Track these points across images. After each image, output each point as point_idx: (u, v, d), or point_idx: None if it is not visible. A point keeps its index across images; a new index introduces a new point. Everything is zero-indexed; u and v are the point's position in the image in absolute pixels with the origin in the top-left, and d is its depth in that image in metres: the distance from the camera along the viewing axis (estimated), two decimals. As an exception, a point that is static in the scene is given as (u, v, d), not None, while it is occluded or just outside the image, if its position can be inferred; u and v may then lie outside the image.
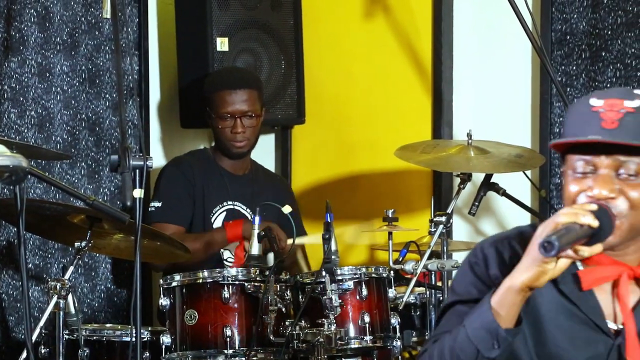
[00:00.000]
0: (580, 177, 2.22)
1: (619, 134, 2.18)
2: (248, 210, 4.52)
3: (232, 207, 4.51)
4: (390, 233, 4.07)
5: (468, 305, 2.29)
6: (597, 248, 2.18)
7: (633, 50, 4.41)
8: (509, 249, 2.31)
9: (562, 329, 2.25)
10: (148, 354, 3.78)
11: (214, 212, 4.48)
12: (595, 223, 2.14)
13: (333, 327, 3.61)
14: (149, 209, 4.40)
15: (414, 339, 3.91)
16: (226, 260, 4.46)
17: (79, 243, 3.49)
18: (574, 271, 2.25)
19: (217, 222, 4.49)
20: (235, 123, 4.43)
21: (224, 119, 4.45)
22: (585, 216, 2.14)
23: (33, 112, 4.50)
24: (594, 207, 2.17)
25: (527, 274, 2.16)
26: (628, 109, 2.19)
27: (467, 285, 2.32)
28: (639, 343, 2.22)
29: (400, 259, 4.02)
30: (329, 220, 3.73)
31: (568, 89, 4.51)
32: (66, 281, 3.41)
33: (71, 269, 3.46)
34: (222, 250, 4.45)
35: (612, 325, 2.26)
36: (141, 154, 2.88)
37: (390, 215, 4.08)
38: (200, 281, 3.73)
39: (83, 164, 4.65)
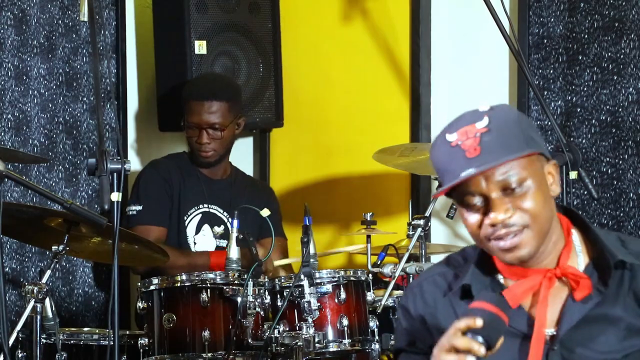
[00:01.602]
0: (472, 210, 2.23)
1: (485, 158, 2.18)
2: (225, 214, 4.52)
3: (207, 210, 4.51)
4: (368, 236, 4.07)
5: (405, 355, 2.35)
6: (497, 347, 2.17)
7: (609, 53, 4.43)
8: (433, 285, 2.35)
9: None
10: (126, 358, 3.78)
11: (189, 213, 4.48)
12: (482, 351, 2.11)
13: (311, 331, 3.61)
14: (130, 213, 4.39)
15: (392, 342, 3.91)
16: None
17: (57, 247, 3.48)
18: (496, 292, 2.26)
19: (192, 225, 4.49)
20: (200, 134, 4.44)
21: (191, 128, 4.46)
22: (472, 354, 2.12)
23: (10, 115, 4.49)
24: (480, 322, 2.12)
25: None
26: (481, 130, 2.20)
27: (398, 332, 2.39)
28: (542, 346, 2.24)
29: (378, 262, 4.02)
30: (307, 223, 3.74)
31: (545, 93, 4.53)
32: (43, 285, 3.39)
33: (48, 272, 3.45)
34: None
35: (547, 331, 2.27)
36: (119, 157, 2.87)
37: (368, 219, 4.08)
38: (179, 285, 3.72)
39: (60, 167, 4.64)
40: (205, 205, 4.51)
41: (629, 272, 2.29)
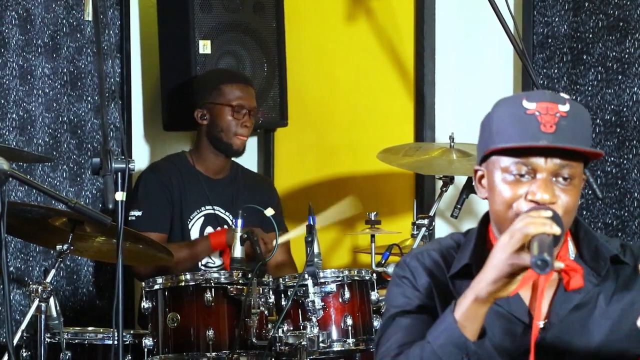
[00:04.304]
0: (514, 180, 2.24)
1: (557, 138, 2.21)
2: (227, 214, 4.51)
3: (211, 211, 4.50)
4: (372, 236, 4.07)
5: (409, 316, 2.32)
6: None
7: (614, 53, 4.43)
8: (428, 258, 2.37)
9: (486, 325, 2.26)
10: (130, 357, 3.78)
11: (192, 217, 4.47)
12: (558, 231, 2.15)
13: (316, 330, 3.61)
14: (129, 219, 4.38)
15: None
16: (205, 265, 4.45)
17: (61, 246, 3.48)
18: None
19: (195, 228, 4.47)
20: (245, 117, 4.44)
21: (237, 111, 4.45)
22: (552, 226, 2.14)
23: (14, 115, 4.49)
24: (550, 213, 2.17)
25: (495, 286, 2.16)
26: (562, 113, 2.23)
27: (403, 296, 2.35)
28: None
29: (382, 262, 4.02)
30: (311, 222, 3.74)
31: (550, 92, 4.52)
32: (48, 284, 3.39)
33: (53, 272, 3.45)
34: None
35: (539, 323, 2.29)
36: (123, 157, 2.87)
37: (372, 218, 4.09)
38: (183, 284, 3.73)
39: (65, 166, 4.64)
40: (209, 207, 4.50)
41: (614, 267, 2.33)
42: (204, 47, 4.80)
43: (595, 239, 2.36)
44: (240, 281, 3.70)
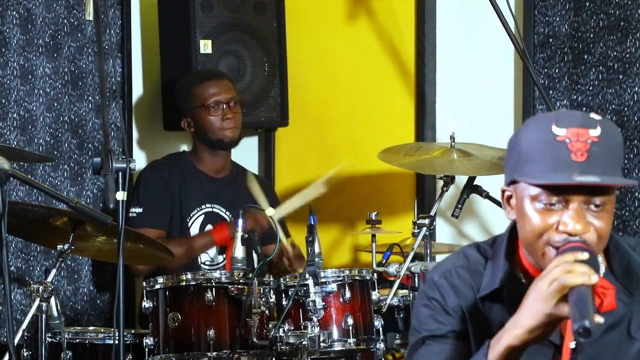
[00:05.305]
0: (543, 208, 2.18)
1: (589, 167, 2.14)
2: (227, 213, 4.51)
3: (210, 209, 4.51)
4: (373, 235, 4.07)
5: (440, 341, 2.27)
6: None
7: (615, 53, 4.43)
8: (457, 277, 2.31)
9: None
10: (131, 357, 3.78)
11: (191, 215, 4.48)
12: (597, 279, 2.08)
13: (316, 330, 3.61)
14: (130, 215, 4.39)
15: (397, 341, 3.91)
16: (204, 263, 4.45)
17: (62, 246, 3.48)
18: (522, 294, 2.19)
19: (195, 225, 4.48)
20: (225, 110, 4.44)
21: (214, 108, 4.46)
22: (591, 275, 2.07)
23: (15, 115, 4.49)
24: (586, 255, 2.10)
25: (531, 335, 2.10)
26: (593, 139, 2.16)
27: (433, 320, 2.29)
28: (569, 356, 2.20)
29: (383, 262, 4.02)
30: (312, 222, 3.74)
31: (551, 92, 4.53)
32: (49, 284, 3.39)
33: (54, 271, 3.45)
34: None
35: (570, 343, 2.23)
36: (124, 157, 2.87)
37: (373, 218, 4.09)
38: (184, 284, 3.73)
39: (66, 166, 4.64)
40: (208, 206, 4.50)
41: None
42: (205, 46, 4.80)
43: (627, 253, 2.29)
44: (241, 281, 3.71)
